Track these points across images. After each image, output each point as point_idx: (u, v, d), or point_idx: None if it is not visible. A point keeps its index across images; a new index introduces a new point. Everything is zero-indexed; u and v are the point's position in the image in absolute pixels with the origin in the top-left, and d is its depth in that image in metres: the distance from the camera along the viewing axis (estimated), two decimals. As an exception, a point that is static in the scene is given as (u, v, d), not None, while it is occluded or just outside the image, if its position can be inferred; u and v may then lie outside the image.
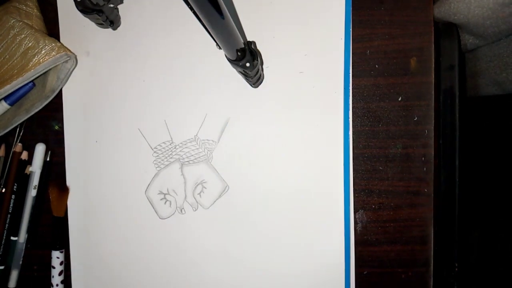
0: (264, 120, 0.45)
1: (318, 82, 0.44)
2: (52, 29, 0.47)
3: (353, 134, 0.44)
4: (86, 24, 0.45)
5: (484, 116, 0.81)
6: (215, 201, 0.46)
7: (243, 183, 0.45)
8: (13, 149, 0.47)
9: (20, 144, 0.47)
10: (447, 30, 0.48)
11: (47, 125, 0.48)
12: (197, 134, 0.46)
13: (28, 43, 0.43)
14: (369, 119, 0.45)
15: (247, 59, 0.37)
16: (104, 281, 0.47)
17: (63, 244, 0.47)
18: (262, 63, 0.44)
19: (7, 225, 0.47)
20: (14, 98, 0.46)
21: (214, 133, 0.46)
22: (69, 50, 0.44)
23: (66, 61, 0.44)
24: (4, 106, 0.46)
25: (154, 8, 0.46)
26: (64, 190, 0.47)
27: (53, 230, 0.47)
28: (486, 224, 0.87)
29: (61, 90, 0.47)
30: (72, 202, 0.48)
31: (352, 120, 0.44)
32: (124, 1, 0.46)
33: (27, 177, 0.47)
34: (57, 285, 0.47)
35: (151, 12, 0.46)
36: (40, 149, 0.47)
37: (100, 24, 0.45)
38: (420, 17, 0.44)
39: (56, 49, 0.43)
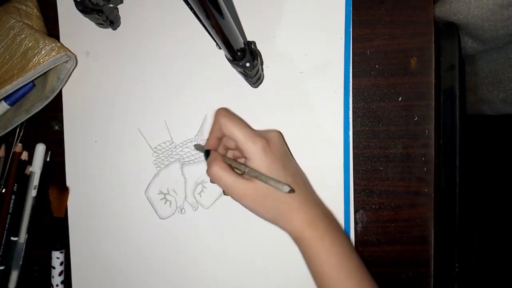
0: (264, 120, 0.45)
1: (318, 82, 0.44)
2: (52, 29, 0.47)
3: (353, 134, 0.44)
4: (86, 24, 0.45)
5: (477, 134, 0.82)
6: (215, 201, 0.46)
7: (243, 183, 0.45)
8: (13, 149, 0.47)
9: (20, 144, 0.47)
10: (448, 30, 0.48)
11: (47, 125, 0.48)
12: (197, 134, 0.46)
13: (28, 43, 0.43)
14: (369, 119, 0.45)
15: (247, 59, 0.37)
16: (104, 281, 0.47)
17: (63, 244, 0.47)
18: (262, 63, 0.44)
19: (7, 225, 0.47)
20: (14, 98, 0.46)
21: (214, 133, 0.46)
22: (69, 50, 0.44)
23: (66, 61, 0.44)
24: (4, 107, 0.46)
25: (154, 8, 0.46)
26: (64, 190, 0.47)
27: (53, 230, 0.47)
28: (486, 224, 0.87)
29: (61, 90, 0.47)
30: (72, 202, 0.48)
31: (352, 120, 0.44)
32: (124, 1, 0.46)
33: (27, 178, 0.47)
34: (57, 285, 0.47)
35: (151, 12, 0.46)
36: (40, 149, 0.47)
37: (100, 24, 0.45)
38: (421, 17, 0.44)
39: (56, 49, 0.43)
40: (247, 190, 0.37)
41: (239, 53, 0.37)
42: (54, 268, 0.47)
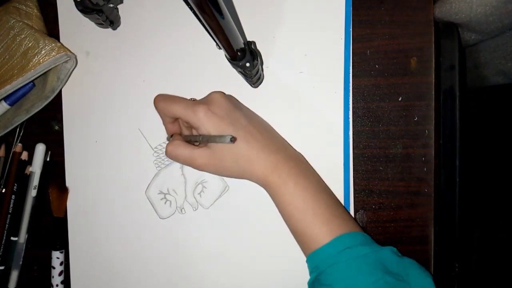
0: (264, 120, 0.45)
1: (318, 82, 0.44)
2: (52, 29, 0.47)
3: (353, 134, 0.44)
4: (86, 24, 0.45)
5: (490, 105, 0.81)
6: (215, 201, 0.46)
7: (243, 183, 0.45)
8: (13, 149, 0.47)
9: (20, 144, 0.47)
10: (448, 30, 0.47)
11: (47, 125, 0.48)
12: (197, 134, 0.46)
13: (28, 43, 0.43)
14: (369, 119, 0.45)
15: (247, 59, 0.37)
16: (104, 281, 0.47)
17: (63, 244, 0.47)
18: (262, 63, 0.44)
19: (7, 225, 0.47)
20: (14, 98, 0.46)
21: (214, 133, 0.46)
22: (69, 50, 0.44)
23: (66, 61, 0.44)
24: (4, 107, 0.46)
25: (154, 8, 0.46)
26: (64, 190, 0.47)
27: (53, 230, 0.47)
28: (486, 224, 0.87)
29: (61, 90, 0.47)
30: (72, 202, 0.48)
31: (352, 120, 0.44)
32: (124, 1, 0.45)
33: (27, 178, 0.47)
34: (57, 285, 0.47)
35: (151, 12, 0.46)
36: (40, 149, 0.47)
37: (100, 24, 0.44)
38: (420, 17, 0.44)
39: (56, 49, 0.43)
40: (203, 158, 0.38)
41: (239, 53, 0.37)
42: (54, 268, 0.47)
